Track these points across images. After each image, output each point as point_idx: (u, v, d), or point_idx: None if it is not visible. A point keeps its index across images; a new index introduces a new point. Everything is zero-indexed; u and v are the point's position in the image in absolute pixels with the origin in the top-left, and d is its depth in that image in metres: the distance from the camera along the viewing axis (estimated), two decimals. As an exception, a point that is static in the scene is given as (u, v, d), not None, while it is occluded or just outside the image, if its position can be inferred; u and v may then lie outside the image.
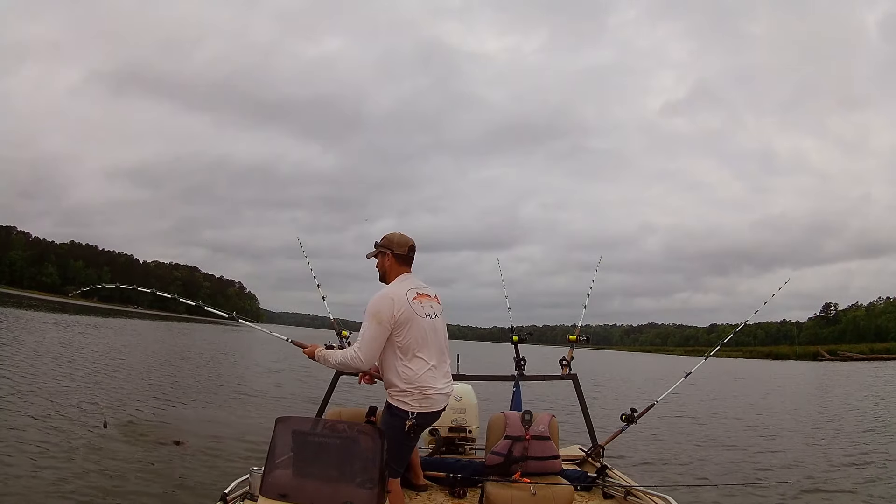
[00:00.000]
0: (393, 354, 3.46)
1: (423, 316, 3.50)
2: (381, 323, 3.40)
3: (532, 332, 6.47)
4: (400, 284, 3.57)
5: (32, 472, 6.57)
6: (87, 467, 6.98)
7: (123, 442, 8.37)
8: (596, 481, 4.37)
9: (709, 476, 8.94)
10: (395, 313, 3.41)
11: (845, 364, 70.79)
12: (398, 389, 3.44)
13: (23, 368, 14.34)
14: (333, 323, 4.80)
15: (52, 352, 19.17)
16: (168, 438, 8.72)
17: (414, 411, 3.41)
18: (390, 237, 3.69)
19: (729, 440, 12.30)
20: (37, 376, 13.40)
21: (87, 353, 20.25)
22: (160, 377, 16.42)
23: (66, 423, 9.02)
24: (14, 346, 19.10)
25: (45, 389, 11.73)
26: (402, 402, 3.43)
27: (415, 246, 3.69)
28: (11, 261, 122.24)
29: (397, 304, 3.43)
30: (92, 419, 9.48)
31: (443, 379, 3.55)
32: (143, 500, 6.18)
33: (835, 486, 8.42)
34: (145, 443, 8.47)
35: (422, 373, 3.43)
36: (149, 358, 21.33)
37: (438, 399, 3.49)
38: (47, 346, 20.73)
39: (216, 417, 11.06)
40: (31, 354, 17.62)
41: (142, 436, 8.82)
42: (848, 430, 13.89)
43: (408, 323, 3.43)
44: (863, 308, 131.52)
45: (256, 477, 3.25)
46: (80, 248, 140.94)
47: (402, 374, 3.43)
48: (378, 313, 3.41)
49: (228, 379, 18.35)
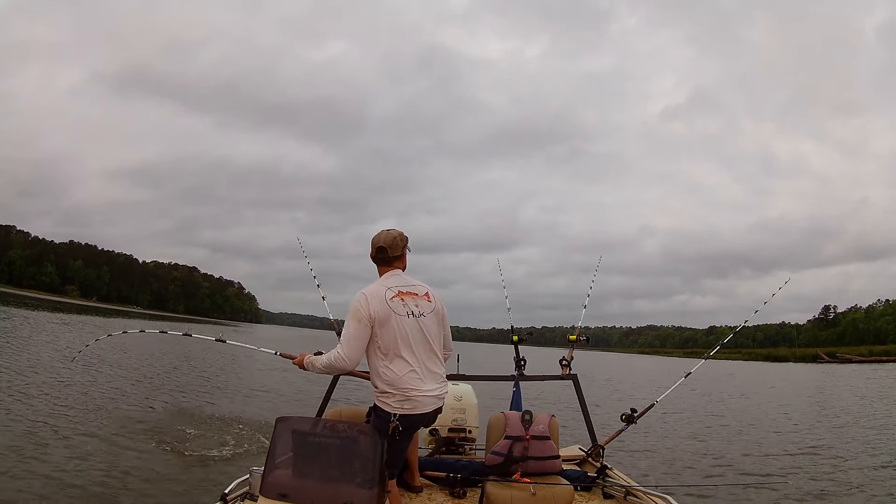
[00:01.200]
0: (375, 355, 3.44)
1: (405, 315, 3.46)
2: (360, 320, 3.38)
3: (532, 332, 6.46)
4: (380, 283, 3.56)
5: (32, 471, 6.57)
6: (86, 468, 6.97)
7: (123, 442, 8.36)
8: (596, 481, 4.35)
9: (709, 476, 8.95)
10: (371, 312, 3.39)
11: (844, 366, 70.83)
12: (380, 391, 3.43)
13: (21, 368, 14.36)
14: (333, 323, 4.80)
15: (49, 351, 19.17)
16: (168, 439, 8.72)
17: (396, 413, 3.37)
18: (373, 238, 3.68)
19: (729, 440, 12.31)
20: (36, 375, 13.42)
21: (86, 353, 20.20)
22: (158, 377, 16.41)
23: (65, 425, 9.00)
24: (14, 345, 19.11)
25: (43, 389, 11.74)
26: (385, 403, 3.41)
27: (386, 247, 3.61)
28: (10, 260, 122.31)
29: (372, 302, 3.41)
30: (90, 419, 9.49)
31: (431, 381, 3.48)
32: (144, 499, 6.17)
33: (835, 486, 8.42)
34: (145, 443, 8.47)
35: (403, 374, 3.39)
36: (147, 358, 21.26)
37: (424, 401, 3.43)
38: (42, 346, 20.76)
39: (217, 417, 11.05)
40: (27, 353, 17.64)
41: (141, 436, 8.82)
42: (848, 431, 13.91)
43: (385, 322, 3.40)
44: (862, 310, 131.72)
45: (256, 477, 3.24)
46: (79, 248, 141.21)
47: (382, 376, 3.41)
48: (356, 311, 3.40)
49: (228, 379, 18.31)
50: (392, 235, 3.64)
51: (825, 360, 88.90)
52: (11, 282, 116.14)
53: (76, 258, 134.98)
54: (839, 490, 8.21)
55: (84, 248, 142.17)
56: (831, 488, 8.28)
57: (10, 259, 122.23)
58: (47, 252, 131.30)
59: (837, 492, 8.12)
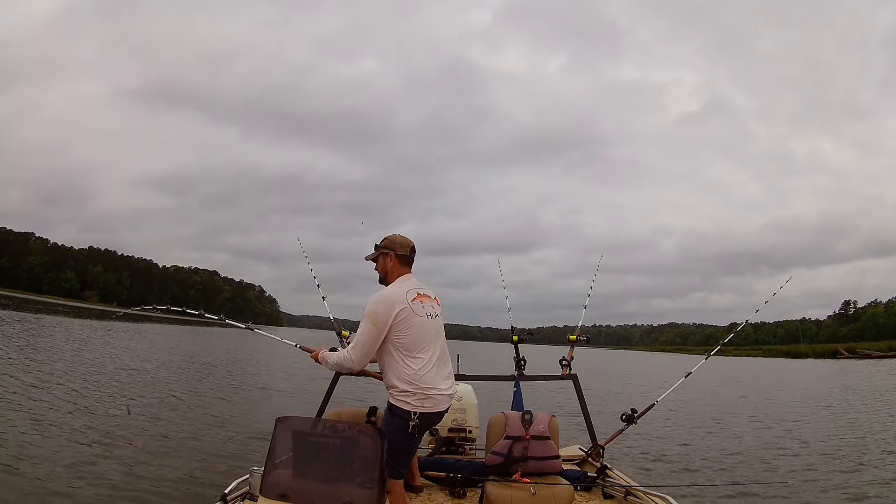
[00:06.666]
0: (393, 354, 3.47)
1: (424, 316, 3.52)
2: (376, 324, 3.44)
3: (532, 332, 6.45)
4: (401, 285, 3.60)
5: (32, 470, 6.66)
6: (86, 468, 7.03)
7: (123, 442, 8.43)
8: (596, 481, 4.37)
9: (709, 476, 8.90)
10: (394, 313, 3.44)
11: (862, 362, 69.77)
12: (399, 390, 3.45)
13: (39, 370, 14.59)
14: (333, 323, 4.88)
15: (68, 354, 19.47)
16: (168, 439, 8.82)
17: (416, 411, 3.41)
18: (392, 238, 3.73)
19: (730, 440, 12.23)
20: (53, 376, 13.63)
21: (103, 355, 20.49)
22: (166, 378, 16.54)
23: (65, 424, 9.12)
24: (35, 350, 19.42)
25: (58, 393, 11.90)
26: (405, 402, 3.43)
27: (415, 247, 3.73)
28: (30, 266, 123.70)
29: (397, 304, 3.47)
30: (91, 420, 9.62)
31: (445, 380, 3.56)
32: (144, 499, 6.23)
33: (835, 486, 8.32)
34: (145, 443, 8.53)
35: (424, 372, 3.44)
36: (163, 360, 21.50)
37: (441, 400, 3.50)
38: (63, 349, 21.06)
39: (218, 417, 11.15)
40: (48, 356, 17.92)
41: (142, 436, 8.89)
42: (851, 431, 13.70)
43: (408, 322, 3.45)
44: (882, 305, 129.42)
45: (256, 477, 3.26)
46: (98, 254, 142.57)
47: (402, 374, 3.44)
48: (374, 314, 3.45)
49: (228, 379, 18.34)
50: (412, 241, 3.75)
51: (844, 355, 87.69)
52: (31, 288, 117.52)
53: (95, 264, 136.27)
54: (840, 490, 8.11)
55: (103, 253, 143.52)
56: (832, 489, 8.19)
57: (29, 265, 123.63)
58: (66, 258, 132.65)
59: (838, 492, 8.03)
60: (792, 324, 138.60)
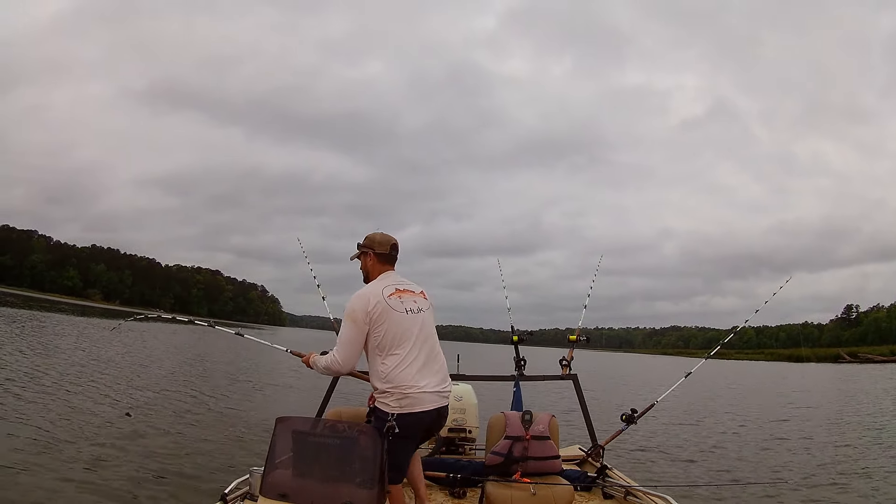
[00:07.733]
0: (371, 353, 3.41)
1: (403, 311, 3.41)
2: (356, 322, 3.36)
3: (533, 333, 6.44)
4: (377, 283, 3.52)
5: (29, 471, 6.61)
6: (86, 468, 7.01)
7: (123, 443, 8.40)
8: (596, 481, 4.37)
9: (709, 476, 8.91)
10: (370, 310, 3.35)
11: (864, 366, 69.67)
12: (379, 391, 3.36)
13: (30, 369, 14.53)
14: (334, 324, 4.85)
15: (69, 353, 19.47)
16: (168, 438, 8.82)
17: (394, 412, 3.26)
18: (372, 237, 3.65)
19: (730, 440, 12.25)
20: (49, 377, 13.59)
21: (103, 355, 20.49)
22: (166, 378, 16.53)
23: (64, 424, 9.09)
24: (30, 348, 19.42)
25: (59, 393, 11.82)
26: (384, 403, 3.33)
27: (397, 245, 3.64)
28: (32, 264, 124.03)
29: (371, 300, 3.38)
30: (91, 419, 9.60)
31: (430, 376, 3.39)
32: (144, 499, 6.22)
33: (835, 486, 8.35)
34: (145, 442, 8.52)
35: (400, 370, 3.31)
36: (163, 360, 21.53)
37: (422, 398, 3.31)
38: (61, 348, 21.05)
39: (218, 417, 11.16)
40: (45, 355, 17.89)
41: (142, 436, 8.88)
42: (852, 432, 13.76)
43: (383, 319, 3.35)
44: (884, 310, 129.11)
45: (256, 477, 3.25)
46: (101, 252, 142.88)
47: (379, 373, 3.34)
48: (352, 312, 3.38)
49: (229, 379, 18.28)
50: (393, 238, 3.68)
51: (846, 360, 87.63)
52: (33, 285, 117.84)
53: (98, 262, 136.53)
54: (840, 491, 8.13)
55: (106, 251, 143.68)
56: (832, 489, 8.20)
57: (31, 263, 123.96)
58: (69, 256, 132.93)
59: (838, 492, 8.03)
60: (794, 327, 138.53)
